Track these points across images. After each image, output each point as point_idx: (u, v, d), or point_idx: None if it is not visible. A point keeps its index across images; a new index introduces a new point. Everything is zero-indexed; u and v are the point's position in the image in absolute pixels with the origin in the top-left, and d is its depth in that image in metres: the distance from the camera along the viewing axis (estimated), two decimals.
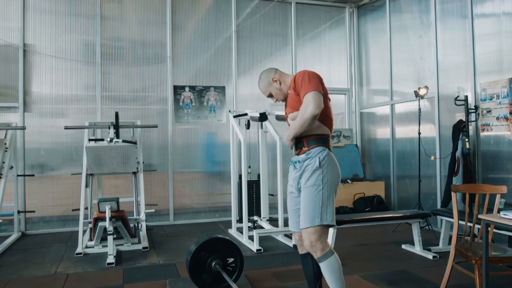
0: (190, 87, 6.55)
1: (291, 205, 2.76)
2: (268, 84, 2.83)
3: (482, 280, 2.67)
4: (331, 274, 2.55)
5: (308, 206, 2.54)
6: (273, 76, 2.82)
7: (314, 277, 2.77)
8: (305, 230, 2.55)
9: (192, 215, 6.58)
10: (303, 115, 2.49)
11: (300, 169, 2.62)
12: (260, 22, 6.92)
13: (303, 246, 2.74)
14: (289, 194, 2.77)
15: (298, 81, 2.58)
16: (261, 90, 2.90)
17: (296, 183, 2.66)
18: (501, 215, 2.58)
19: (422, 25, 5.95)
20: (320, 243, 2.52)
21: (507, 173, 4.66)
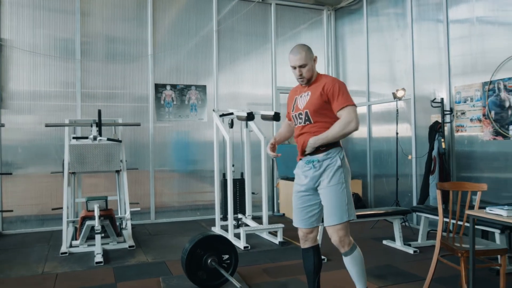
0: (172, 85, 6.55)
1: (299, 203, 2.85)
2: (311, 58, 2.79)
3: (469, 272, 2.86)
4: (357, 266, 2.74)
5: (334, 204, 2.69)
6: (316, 57, 2.84)
7: (314, 271, 2.89)
8: (332, 227, 2.71)
9: (174, 213, 6.58)
10: (345, 129, 2.63)
11: (320, 168, 2.72)
12: (241, 22, 6.99)
13: (308, 241, 2.91)
14: (297, 192, 2.85)
15: (331, 89, 2.68)
16: (298, 57, 2.76)
17: (314, 182, 2.75)
18: (486, 211, 2.78)
19: (399, 28, 6.19)
20: (347, 238, 2.72)
21: (480, 172, 4.94)
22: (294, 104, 2.91)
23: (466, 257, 3.06)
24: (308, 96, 2.80)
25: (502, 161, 4.68)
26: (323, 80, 2.78)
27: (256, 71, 7.13)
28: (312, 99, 2.77)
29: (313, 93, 2.78)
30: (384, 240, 5.01)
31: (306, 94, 2.83)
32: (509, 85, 4.54)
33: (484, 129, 4.86)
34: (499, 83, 4.66)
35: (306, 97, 2.82)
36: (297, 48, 2.82)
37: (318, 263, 2.88)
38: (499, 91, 4.67)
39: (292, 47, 2.87)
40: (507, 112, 4.58)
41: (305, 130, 2.80)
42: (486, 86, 4.80)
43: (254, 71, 7.11)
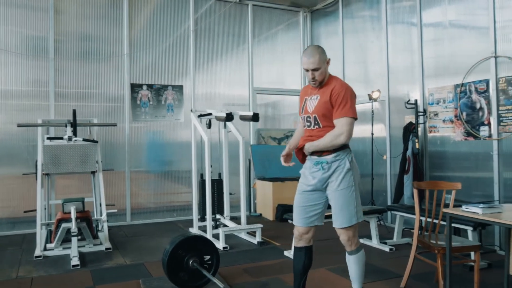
0: (148, 85, 6.48)
1: (302, 202, 2.89)
2: (324, 61, 2.78)
3: (446, 268, 2.95)
4: (359, 265, 2.85)
5: (344, 208, 2.76)
6: (329, 59, 2.83)
7: (302, 271, 2.95)
8: (342, 229, 2.79)
9: (150, 214, 6.51)
10: (334, 140, 2.69)
11: (329, 170, 2.76)
12: (218, 22, 6.98)
13: (302, 241, 2.95)
14: (302, 192, 2.89)
15: (338, 95, 2.71)
16: (312, 60, 2.74)
17: (322, 183, 2.80)
18: (463, 209, 2.88)
19: (374, 31, 6.32)
20: (355, 238, 2.83)
21: (452, 172, 5.11)
22: (304, 105, 2.92)
23: (442, 254, 3.16)
24: (317, 99, 2.82)
25: (473, 161, 4.85)
26: (333, 84, 2.80)
27: (233, 72, 7.13)
28: (321, 103, 2.79)
29: (322, 97, 2.80)
30: (360, 239, 5.09)
31: (316, 97, 2.84)
32: (480, 87, 4.71)
33: (456, 130, 5.02)
34: (470, 86, 4.83)
35: (315, 100, 2.83)
36: (311, 51, 2.79)
37: (308, 264, 2.94)
38: (470, 93, 4.83)
39: (268, 49, 2.92)
40: (478, 114, 4.75)
41: (314, 133, 2.83)
42: (458, 88, 4.97)
43: (231, 72, 7.11)
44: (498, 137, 4.54)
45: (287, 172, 7.00)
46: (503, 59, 4.46)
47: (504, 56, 4.45)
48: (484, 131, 4.69)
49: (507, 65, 4.44)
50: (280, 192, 6.55)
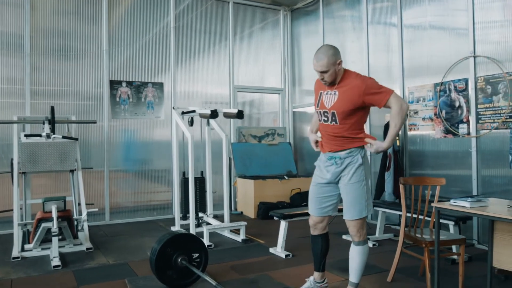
0: (128, 82, 6.36)
1: (317, 193, 3.07)
2: (333, 64, 2.80)
3: (434, 261, 3.01)
4: (362, 257, 3.00)
5: (355, 201, 2.91)
6: (340, 60, 2.84)
7: (321, 255, 3.18)
8: (352, 221, 2.94)
9: (129, 214, 6.39)
10: (405, 113, 2.77)
11: (341, 165, 2.90)
12: (199, 19, 6.92)
13: (316, 229, 3.16)
14: (316, 184, 3.06)
15: (370, 89, 2.77)
16: (321, 63, 2.80)
17: (335, 177, 2.95)
18: (451, 203, 2.95)
19: (355, 31, 6.41)
20: (363, 230, 2.97)
21: (431, 169, 5.22)
22: (319, 99, 2.98)
23: (429, 248, 3.23)
24: (336, 96, 2.86)
25: (452, 158, 4.98)
26: (352, 80, 2.83)
27: (213, 69, 7.08)
28: (342, 100, 2.83)
29: (342, 94, 2.83)
30: (343, 235, 5.15)
31: (333, 93, 2.88)
32: (460, 86, 4.84)
33: (436, 127, 5.14)
34: (450, 84, 4.95)
35: (333, 96, 2.88)
36: (320, 53, 2.83)
37: (325, 248, 3.18)
38: (449, 92, 4.96)
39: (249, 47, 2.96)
40: (457, 112, 4.88)
41: (329, 129, 2.93)
42: (438, 87, 5.08)
43: (212, 69, 7.07)
44: (476, 134, 4.67)
45: (267, 170, 7.07)
46: (482, 59, 4.59)
47: (483, 56, 4.58)
48: (463, 129, 4.82)
49: (486, 65, 4.57)
50: (262, 190, 6.55)
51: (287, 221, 4.44)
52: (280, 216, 4.41)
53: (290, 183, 6.78)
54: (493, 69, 4.50)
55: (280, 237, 4.43)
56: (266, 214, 6.29)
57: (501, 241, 3.21)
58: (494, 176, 4.54)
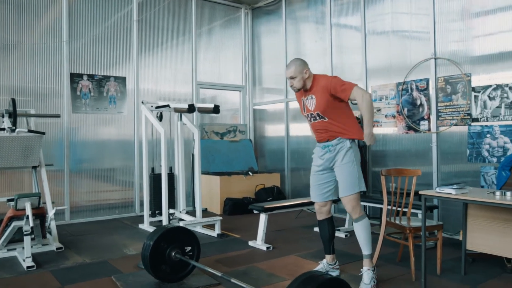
0: (89, 75, 6.10)
1: (316, 181, 3.48)
2: (300, 72, 3.31)
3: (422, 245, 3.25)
4: (366, 231, 3.31)
5: (348, 179, 3.28)
6: (307, 69, 3.35)
7: (329, 238, 3.52)
8: (347, 197, 3.29)
9: (90, 213, 6.13)
10: (368, 101, 3.14)
11: (334, 151, 3.33)
12: (162, 14, 6.80)
13: (322, 214, 3.51)
14: (315, 172, 3.48)
15: (334, 85, 3.21)
16: (289, 71, 3.31)
17: (329, 162, 3.37)
18: (437, 190, 3.20)
19: (318, 31, 6.64)
20: (358, 207, 3.31)
21: (393, 164, 5.54)
22: (304, 105, 3.47)
23: (413, 234, 3.47)
24: (314, 99, 3.35)
25: (413, 152, 5.34)
26: (321, 82, 3.31)
27: (177, 65, 6.99)
28: (319, 100, 3.31)
29: (318, 96, 3.32)
30: (314, 228, 5.34)
31: (311, 97, 3.37)
32: (421, 85, 5.20)
33: (398, 124, 5.48)
34: (411, 84, 5.31)
35: (312, 100, 3.37)
36: (290, 63, 3.36)
37: (332, 232, 3.53)
38: (411, 91, 5.31)
39: (211, 44, 3.18)
40: (419, 109, 5.24)
41: (322, 126, 3.37)
42: (400, 86, 5.42)
43: (175, 65, 6.97)
44: (437, 130, 5.05)
45: (230, 166, 7.12)
46: (442, 61, 4.98)
47: (443, 58, 4.96)
48: (424, 125, 5.18)
49: (446, 66, 4.96)
50: (228, 186, 6.59)
51: (267, 214, 4.52)
52: (261, 210, 4.49)
53: (254, 179, 6.87)
54: (452, 70, 4.89)
55: (260, 230, 4.51)
56: (233, 210, 6.35)
57: (473, 226, 3.54)
58: (453, 170, 4.94)
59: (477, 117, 4.69)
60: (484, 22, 4.63)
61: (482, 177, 4.62)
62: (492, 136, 4.56)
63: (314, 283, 2.10)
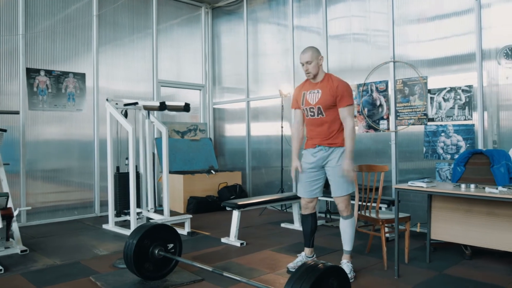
0: (46, 71, 5.85)
1: (306, 178, 3.58)
2: (316, 57, 3.41)
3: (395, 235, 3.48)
4: (351, 228, 3.50)
5: (343, 179, 3.42)
6: (321, 56, 3.48)
7: (311, 232, 3.66)
8: (341, 198, 3.45)
9: (48, 214, 5.88)
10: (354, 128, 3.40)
11: (328, 150, 3.45)
12: (122, 10, 6.66)
13: (308, 209, 3.64)
14: (305, 170, 3.57)
15: (341, 90, 3.38)
16: (306, 55, 3.40)
17: (322, 161, 3.49)
18: (409, 184, 3.44)
19: (280, 32, 6.80)
20: (349, 205, 3.50)
21: (354, 162, 5.80)
22: (303, 98, 3.52)
23: (384, 226, 3.70)
24: (319, 93, 3.42)
25: (373, 150, 5.64)
26: (334, 82, 3.41)
27: (137, 63, 6.87)
28: (325, 96, 3.39)
29: (325, 92, 3.40)
30: (282, 223, 5.49)
31: (317, 92, 3.44)
32: (380, 87, 5.51)
33: (359, 123, 5.76)
34: (372, 85, 5.60)
35: (317, 94, 3.44)
36: (305, 49, 3.45)
37: (314, 226, 3.67)
38: (371, 92, 5.61)
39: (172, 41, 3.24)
40: (378, 110, 5.55)
41: (317, 122, 3.47)
42: (361, 87, 5.71)
43: (136, 63, 6.85)
44: (395, 129, 5.38)
45: (191, 165, 7.11)
46: (401, 64, 5.31)
47: (401, 61, 5.30)
48: (383, 125, 5.50)
49: (404, 69, 5.29)
50: (191, 184, 6.58)
51: (240, 211, 4.60)
52: (234, 206, 4.56)
53: (216, 178, 6.91)
54: (410, 73, 5.23)
55: (234, 227, 4.58)
56: (197, 208, 6.35)
57: (437, 217, 3.84)
58: (411, 166, 5.28)
59: (432, 117, 5.05)
60: (440, 26, 4.98)
61: (437, 173, 4.98)
62: (446, 135, 4.94)
63: (317, 271, 2.23)
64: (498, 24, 4.57)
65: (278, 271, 3.65)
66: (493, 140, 4.63)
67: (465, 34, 4.79)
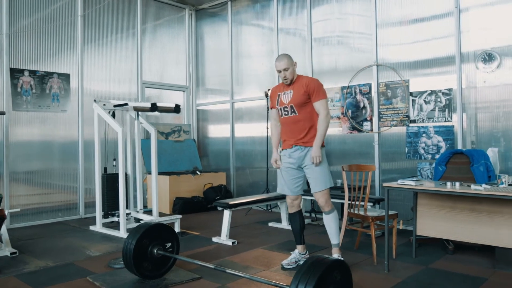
0: (30, 71, 5.77)
1: (288, 176, 3.72)
2: (291, 64, 3.61)
3: (385, 231, 3.64)
4: (335, 222, 3.66)
5: (319, 177, 3.58)
6: (295, 62, 3.68)
7: (300, 229, 3.79)
8: (320, 192, 3.58)
9: (32, 216, 5.79)
10: (328, 119, 3.57)
11: (304, 150, 3.62)
12: (106, 11, 6.63)
13: (294, 207, 3.78)
14: (286, 169, 3.72)
15: (313, 87, 3.56)
16: (282, 63, 3.57)
17: (299, 161, 3.65)
18: (398, 182, 3.61)
19: (264, 35, 6.91)
20: (329, 201, 3.64)
21: (339, 163, 5.97)
22: (278, 99, 3.73)
23: (374, 223, 3.86)
24: (291, 93, 3.63)
25: (357, 151, 5.82)
26: (305, 80, 3.63)
27: (122, 64, 6.85)
28: (296, 95, 3.59)
29: (296, 91, 3.60)
30: (269, 223, 5.60)
31: (289, 92, 3.66)
32: (364, 89, 5.70)
33: (343, 125, 5.93)
34: (355, 88, 5.79)
35: (289, 94, 3.64)
36: (280, 57, 3.65)
37: (302, 223, 3.81)
38: (355, 94, 5.79)
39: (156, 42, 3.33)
40: (362, 111, 5.73)
41: (291, 120, 3.64)
42: (345, 89, 5.88)
43: (120, 63, 6.83)
44: (378, 131, 5.57)
45: (175, 166, 7.15)
46: (384, 67, 5.51)
47: (384, 65, 5.50)
48: (367, 126, 5.69)
49: (387, 72, 5.49)
50: (177, 185, 6.61)
51: (231, 210, 4.68)
52: (226, 206, 4.63)
53: (202, 179, 6.96)
54: (392, 76, 5.44)
55: (225, 226, 4.65)
56: (183, 209, 6.38)
57: (423, 213, 4.03)
58: (393, 166, 5.48)
59: (414, 118, 5.27)
60: (421, 29, 5.20)
61: (419, 172, 5.20)
62: (427, 136, 5.16)
63: (323, 264, 2.34)
64: (476, 28, 4.81)
65: (272, 268, 3.75)
66: (472, 141, 4.88)
67: (445, 37, 5.02)
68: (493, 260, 3.75)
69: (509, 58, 4.59)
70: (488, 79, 4.74)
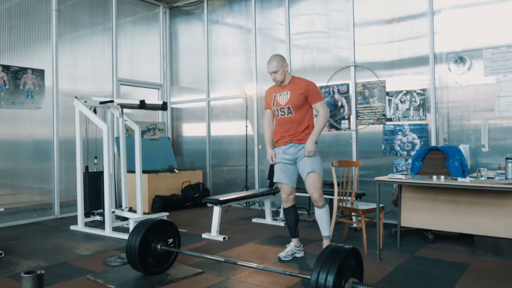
0: (3, 66, 5.55)
1: (284, 169, 3.87)
2: (281, 66, 3.75)
3: (377, 223, 3.85)
4: (327, 216, 3.85)
5: (313, 163, 3.74)
6: (286, 64, 3.83)
7: (295, 223, 3.93)
8: (314, 187, 3.72)
9: (5, 217, 5.55)
10: (327, 118, 3.79)
11: (297, 147, 3.80)
12: (81, 6, 6.47)
13: (288, 202, 3.92)
14: (282, 163, 3.88)
15: (311, 90, 3.75)
16: (272, 65, 3.74)
17: (294, 156, 3.81)
18: (389, 176, 3.83)
19: (242, 34, 7.00)
20: (323, 196, 3.81)
21: None
22: (274, 100, 3.88)
23: (365, 216, 4.07)
24: (288, 95, 3.78)
25: (336, 148, 6.04)
26: (302, 83, 3.79)
27: (96, 61, 6.72)
28: (294, 97, 3.75)
29: (293, 93, 3.75)
30: (253, 219, 5.70)
31: (286, 93, 3.81)
32: (342, 89, 5.93)
33: None
34: (334, 87, 6.01)
35: (286, 95, 3.79)
36: (271, 59, 3.79)
37: (297, 218, 3.95)
38: (333, 93, 6.01)
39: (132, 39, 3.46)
40: (340, 110, 5.97)
41: (287, 121, 3.81)
42: (323, 89, 6.09)
43: (94, 60, 6.69)
44: (356, 129, 5.82)
45: (151, 164, 7.12)
46: (361, 68, 5.76)
47: (361, 66, 5.75)
48: (345, 124, 5.92)
49: (364, 72, 5.75)
50: (155, 183, 6.57)
51: (221, 206, 4.75)
52: (216, 202, 4.70)
53: (179, 176, 6.95)
54: (369, 77, 5.70)
55: (215, 222, 4.71)
56: (163, 207, 6.35)
57: (407, 206, 4.28)
58: (370, 163, 5.74)
59: (390, 117, 5.56)
60: (397, 29, 5.48)
61: (395, 168, 5.49)
62: (403, 133, 5.46)
63: (342, 251, 2.49)
64: (448, 29, 5.14)
65: (270, 261, 3.87)
66: (444, 138, 5.22)
67: (420, 37, 5.32)
68: (472, 248, 4.06)
69: (478, 60, 4.96)
70: (460, 80, 5.09)
